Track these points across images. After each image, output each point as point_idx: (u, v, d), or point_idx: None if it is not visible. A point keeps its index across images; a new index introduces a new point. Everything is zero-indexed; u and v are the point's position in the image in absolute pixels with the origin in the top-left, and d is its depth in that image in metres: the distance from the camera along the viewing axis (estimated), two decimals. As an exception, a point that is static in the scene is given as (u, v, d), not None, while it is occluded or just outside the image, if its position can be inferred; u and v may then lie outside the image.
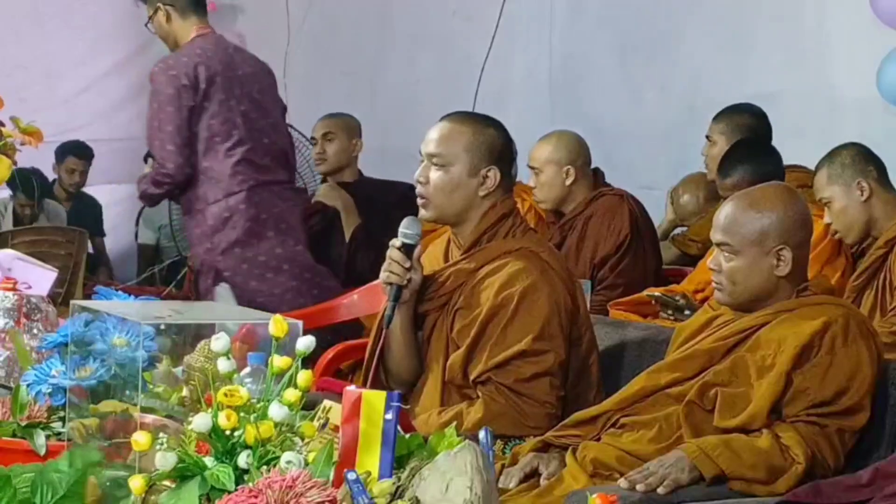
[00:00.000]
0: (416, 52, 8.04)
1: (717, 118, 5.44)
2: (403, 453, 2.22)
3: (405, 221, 3.60)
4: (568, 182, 5.45)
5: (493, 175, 3.64)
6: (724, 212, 3.38)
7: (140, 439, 2.18)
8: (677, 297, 4.95)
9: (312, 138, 6.39)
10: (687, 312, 4.85)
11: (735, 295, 3.36)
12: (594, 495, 2.11)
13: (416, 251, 3.60)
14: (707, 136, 5.35)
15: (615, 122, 6.78)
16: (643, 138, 6.75)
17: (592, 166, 5.60)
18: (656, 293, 4.98)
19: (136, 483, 2.18)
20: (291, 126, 7.82)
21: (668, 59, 6.70)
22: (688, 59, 6.60)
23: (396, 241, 3.59)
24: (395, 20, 8.19)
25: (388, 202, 6.08)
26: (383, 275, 3.59)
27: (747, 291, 3.34)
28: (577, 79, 7.14)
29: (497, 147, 3.67)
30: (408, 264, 3.57)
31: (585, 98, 7.04)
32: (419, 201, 3.69)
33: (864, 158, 4.52)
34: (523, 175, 5.59)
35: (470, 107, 6.85)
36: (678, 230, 6.26)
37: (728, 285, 3.36)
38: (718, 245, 3.37)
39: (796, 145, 5.41)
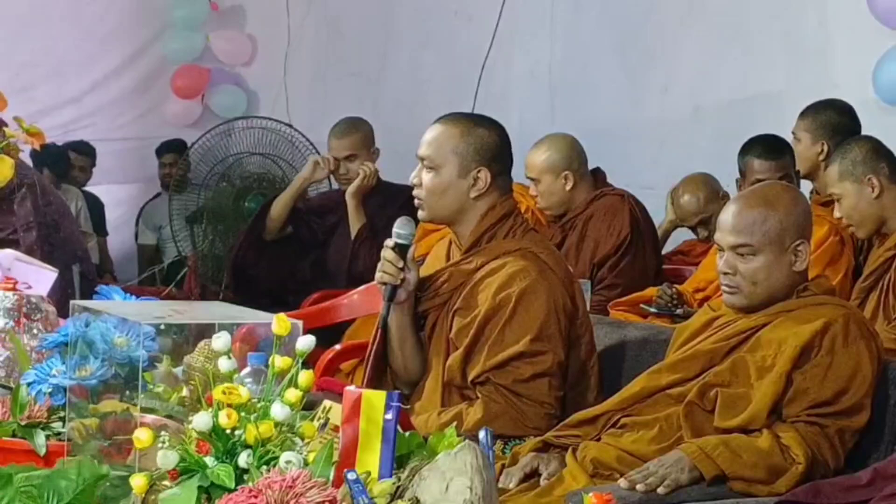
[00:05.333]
0: (419, 53, 8.04)
1: (802, 115, 5.27)
2: (403, 453, 2.22)
3: (398, 222, 3.60)
4: (568, 187, 5.44)
5: (484, 176, 3.63)
6: (735, 213, 3.35)
7: (142, 436, 2.18)
8: (676, 305, 4.97)
9: (336, 159, 6.30)
10: (678, 312, 4.86)
11: (754, 296, 3.33)
12: (590, 494, 2.11)
13: (410, 251, 3.59)
14: (792, 133, 5.24)
15: (617, 123, 6.78)
16: (645, 138, 6.75)
17: (594, 166, 5.60)
18: (652, 308, 4.98)
19: (138, 482, 2.18)
20: (291, 126, 7.86)
21: (670, 59, 6.70)
22: (689, 60, 6.60)
23: (390, 242, 3.59)
24: (398, 21, 8.19)
25: (394, 204, 6.08)
26: (377, 275, 3.59)
27: (768, 290, 3.32)
28: (579, 79, 7.14)
29: (488, 147, 3.65)
30: (401, 264, 3.57)
31: (587, 98, 7.03)
32: (416, 203, 3.70)
33: (875, 154, 4.49)
34: (520, 175, 5.58)
35: (471, 108, 6.85)
36: None
37: (747, 286, 3.33)
38: (734, 247, 3.33)
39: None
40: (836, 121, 5.15)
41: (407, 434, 2.25)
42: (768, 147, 5.21)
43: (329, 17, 8.58)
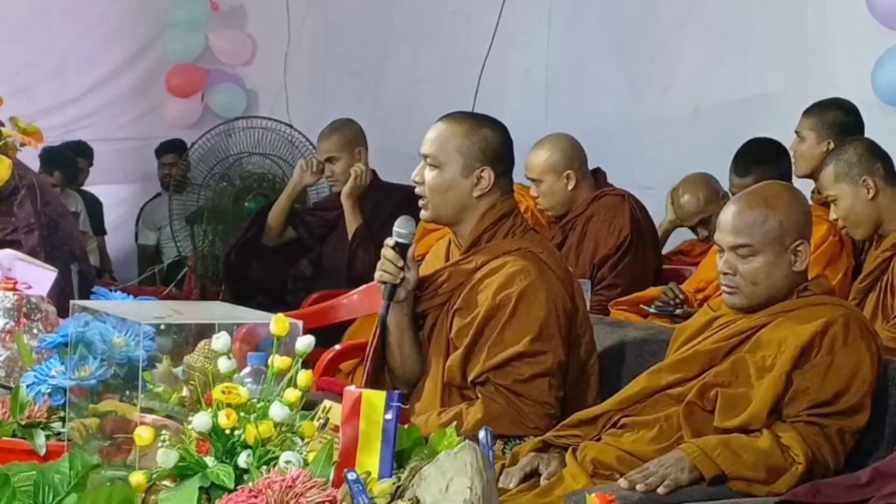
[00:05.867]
0: (417, 52, 8.04)
1: (807, 114, 5.22)
2: (404, 447, 2.22)
3: (399, 221, 3.60)
4: (570, 187, 5.44)
5: (488, 175, 3.64)
6: (735, 213, 3.35)
7: (143, 434, 2.18)
8: (677, 304, 4.97)
9: (319, 162, 6.35)
10: (678, 312, 4.86)
11: (754, 296, 3.33)
12: (592, 495, 2.11)
13: (410, 250, 3.60)
14: (796, 132, 5.20)
15: (616, 123, 6.77)
16: (643, 138, 6.74)
17: (594, 166, 5.60)
18: (652, 308, 4.98)
19: (137, 479, 2.18)
20: (292, 126, 7.86)
21: (669, 59, 6.69)
22: (688, 60, 6.59)
23: (390, 241, 3.59)
24: (396, 20, 8.19)
25: (391, 204, 6.09)
26: (377, 274, 3.60)
27: (768, 291, 3.32)
28: (576, 78, 7.13)
29: (491, 147, 3.66)
30: (401, 263, 3.57)
31: (583, 98, 7.02)
32: (420, 202, 3.70)
33: (871, 155, 4.49)
34: (519, 176, 5.57)
35: (470, 107, 6.85)
36: None
37: (747, 286, 3.33)
38: (734, 248, 3.33)
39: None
40: (842, 120, 5.13)
41: (406, 427, 2.25)
42: (744, 161, 5.23)
43: (329, 16, 8.58)
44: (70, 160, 8.37)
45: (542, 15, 7.24)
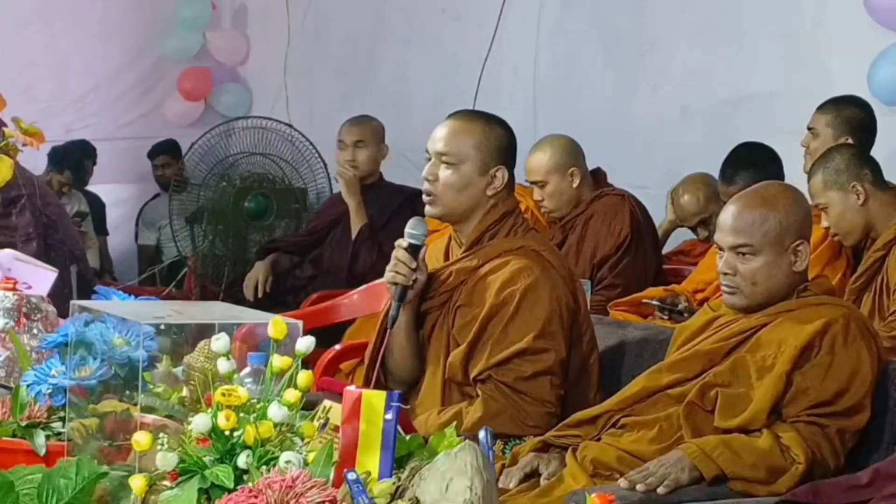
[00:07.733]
0: (406, 51, 8.04)
1: (823, 109, 5.15)
2: (403, 454, 2.22)
3: (411, 222, 3.59)
4: (575, 184, 5.43)
5: (502, 175, 3.64)
6: (735, 213, 3.35)
7: (141, 440, 2.18)
8: (679, 301, 4.95)
9: (340, 141, 6.34)
10: (686, 315, 4.85)
11: (754, 296, 3.34)
12: (592, 495, 2.11)
13: (422, 252, 3.59)
14: (809, 128, 5.15)
15: (603, 122, 6.73)
16: (633, 138, 6.71)
17: (594, 167, 5.60)
18: (655, 301, 4.98)
19: (138, 483, 2.18)
20: (292, 126, 7.87)
21: (660, 58, 6.67)
22: (680, 59, 6.57)
23: (403, 242, 3.58)
24: (387, 19, 8.19)
25: (394, 204, 6.09)
26: (388, 275, 3.58)
27: (768, 291, 3.33)
28: (565, 78, 7.10)
29: (505, 146, 3.67)
30: (413, 265, 3.56)
31: (572, 97, 7.00)
32: (426, 198, 3.68)
33: (858, 161, 4.49)
34: (518, 177, 5.56)
35: (464, 107, 6.83)
36: None
37: (747, 287, 3.33)
38: (734, 248, 3.33)
39: (792, 145, 5.40)
40: (860, 117, 5.10)
41: (408, 437, 2.25)
42: (731, 168, 5.24)
43: (328, 17, 8.58)
44: (79, 160, 8.39)
45: (532, 14, 7.22)
